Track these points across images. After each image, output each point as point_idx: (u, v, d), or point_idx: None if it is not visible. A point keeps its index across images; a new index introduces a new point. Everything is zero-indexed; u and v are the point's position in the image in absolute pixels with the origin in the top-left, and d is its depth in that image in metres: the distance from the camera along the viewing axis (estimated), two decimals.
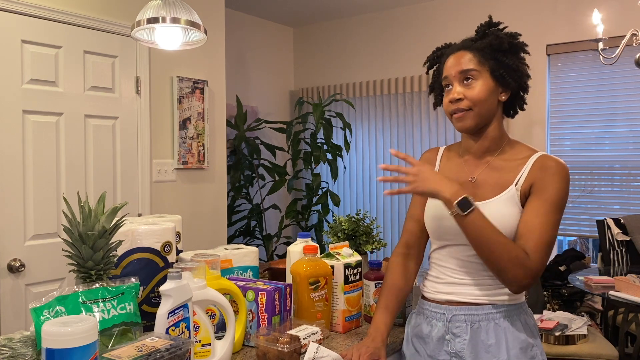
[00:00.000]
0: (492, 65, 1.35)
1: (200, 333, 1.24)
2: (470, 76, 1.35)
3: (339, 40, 5.09)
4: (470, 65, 1.35)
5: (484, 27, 1.40)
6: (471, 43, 1.38)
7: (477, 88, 1.34)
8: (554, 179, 1.31)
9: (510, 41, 1.36)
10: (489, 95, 1.35)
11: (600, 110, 3.87)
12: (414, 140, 4.62)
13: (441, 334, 1.39)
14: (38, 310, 1.17)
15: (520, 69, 1.37)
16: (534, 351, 1.35)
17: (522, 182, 1.33)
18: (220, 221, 3.46)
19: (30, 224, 2.51)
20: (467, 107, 1.35)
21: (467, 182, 1.40)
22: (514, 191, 1.33)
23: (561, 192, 1.31)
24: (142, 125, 2.97)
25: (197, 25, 1.74)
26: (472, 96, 1.34)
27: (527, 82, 1.39)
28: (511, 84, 1.36)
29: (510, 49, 1.36)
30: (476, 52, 1.36)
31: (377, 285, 1.62)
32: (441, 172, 1.46)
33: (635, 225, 3.54)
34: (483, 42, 1.36)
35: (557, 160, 1.33)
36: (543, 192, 1.30)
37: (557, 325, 2.84)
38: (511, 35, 1.37)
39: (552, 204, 1.30)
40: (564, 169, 1.32)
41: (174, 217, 1.73)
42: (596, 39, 2.89)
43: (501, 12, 4.19)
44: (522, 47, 1.38)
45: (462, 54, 1.37)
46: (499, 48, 1.35)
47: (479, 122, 1.37)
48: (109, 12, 2.82)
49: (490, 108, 1.36)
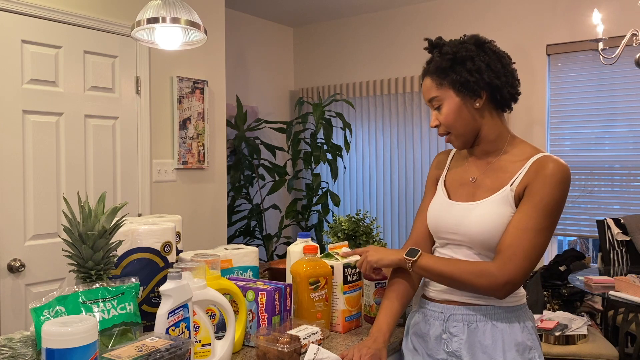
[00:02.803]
0: (450, 82, 1.35)
1: (200, 333, 1.24)
2: (436, 102, 1.38)
3: (339, 40, 5.09)
4: (432, 92, 1.38)
5: (429, 50, 1.41)
6: (427, 67, 1.41)
7: (444, 112, 1.37)
8: (547, 182, 1.28)
9: (450, 57, 1.33)
10: (459, 113, 1.35)
11: (600, 110, 3.87)
12: (414, 140, 4.62)
13: (439, 333, 1.39)
14: (38, 310, 1.17)
15: (480, 69, 1.32)
16: (532, 354, 1.34)
17: (517, 183, 1.32)
18: (220, 221, 3.46)
19: (30, 224, 2.51)
20: (445, 132, 1.40)
21: (467, 182, 1.41)
22: (508, 191, 1.33)
23: (553, 197, 1.28)
24: (142, 125, 2.97)
25: (197, 25, 1.74)
26: (444, 121, 1.38)
27: (498, 76, 1.33)
28: (477, 89, 1.33)
29: (455, 61, 1.33)
30: (433, 76, 1.38)
31: (377, 285, 1.62)
32: (449, 172, 1.50)
33: (635, 225, 3.54)
34: (431, 67, 1.39)
35: (557, 162, 1.30)
36: (534, 195, 1.29)
37: (557, 325, 2.84)
38: (454, 45, 1.35)
39: (541, 209, 1.28)
40: (561, 172, 1.29)
41: (174, 217, 1.73)
42: (596, 39, 2.89)
43: (501, 12, 4.19)
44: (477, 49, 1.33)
45: (425, 82, 1.41)
46: (452, 58, 1.34)
47: (465, 140, 1.39)
48: (109, 12, 2.82)
49: (469, 121, 1.36)
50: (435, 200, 1.46)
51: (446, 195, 1.44)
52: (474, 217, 1.34)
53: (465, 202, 1.38)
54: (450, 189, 1.45)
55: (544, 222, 1.28)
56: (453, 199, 1.42)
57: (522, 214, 1.29)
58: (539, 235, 1.27)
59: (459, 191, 1.43)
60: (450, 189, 1.46)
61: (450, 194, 1.44)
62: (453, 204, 1.40)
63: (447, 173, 1.50)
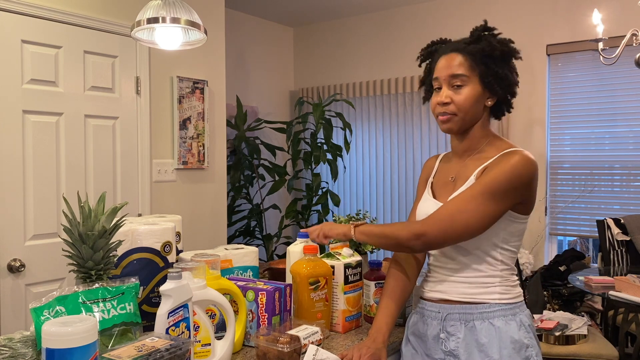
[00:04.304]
0: (481, 71, 1.35)
1: (200, 333, 1.24)
2: (460, 81, 1.36)
3: (339, 40, 5.09)
4: (461, 70, 1.35)
5: (478, 31, 1.39)
6: (464, 45, 1.38)
7: (464, 94, 1.35)
8: (502, 167, 1.30)
9: (502, 49, 1.35)
10: (476, 101, 1.37)
11: (600, 110, 3.87)
12: (414, 140, 4.62)
13: (436, 332, 1.40)
14: (38, 310, 1.17)
15: (509, 77, 1.37)
16: (529, 352, 1.35)
17: (479, 170, 1.36)
18: (220, 221, 3.46)
19: (30, 224, 2.51)
20: (452, 111, 1.37)
21: (448, 182, 1.45)
22: (472, 181, 1.36)
23: (499, 179, 1.29)
24: (142, 125, 2.97)
25: (197, 25, 1.74)
26: (459, 101, 1.36)
27: (515, 89, 1.40)
28: (499, 91, 1.37)
29: (501, 57, 1.36)
30: (468, 56, 1.36)
31: (377, 285, 1.62)
32: (436, 174, 1.53)
33: (635, 225, 3.54)
34: (476, 47, 1.36)
35: (521, 155, 1.31)
36: (484, 176, 1.32)
37: (557, 325, 2.84)
38: (504, 42, 1.37)
39: (483, 185, 1.29)
40: (519, 162, 1.30)
41: (174, 217, 1.73)
42: (596, 39, 2.88)
43: (501, 11, 4.19)
44: (514, 54, 1.38)
45: (454, 57, 1.37)
46: (490, 55, 1.35)
47: (462, 126, 1.39)
48: (109, 12, 2.82)
49: (476, 113, 1.38)
50: (422, 202, 1.50)
51: (431, 196, 1.48)
52: None
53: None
54: (435, 190, 1.49)
55: (480, 198, 1.29)
56: (438, 198, 1.45)
57: (465, 188, 1.34)
58: (470, 206, 1.29)
59: (442, 191, 1.46)
60: (435, 189, 1.49)
61: (435, 194, 1.48)
62: (437, 204, 1.42)
63: (434, 175, 1.53)
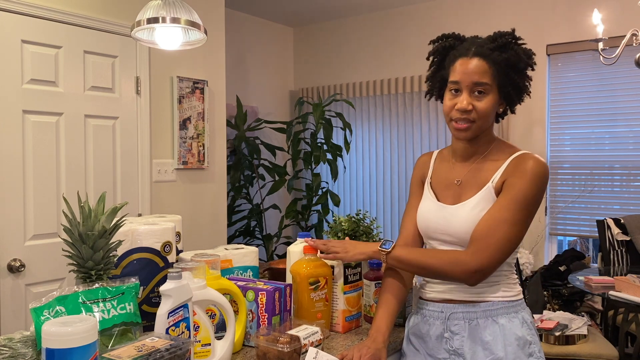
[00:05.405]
0: (502, 81, 1.34)
1: (200, 333, 1.24)
2: (483, 89, 1.33)
3: (339, 40, 5.09)
4: (485, 78, 1.33)
5: (506, 38, 1.34)
6: (489, 52, 1.33)
7: (486, 102, 1.34)
8: (524, 176, 1.32)
9: (527, 62, 1.36)
10: (493, 109, 1.37)
11: (600, 110, 3.87)
12: (414, 140, 4.62)
13: (440, 332, 1.41)
14: (38, 310, 1.17)
15: (526, 88, 1.39)
16: (532, 348, 1.36)
17: (497, 179, 1.36)
18: (220, 221, 3.46)
19: (30, 224, 2.51)
20: (473, 119, 1.35)
21: (453, 185, 1.44)
22: (490, 188, 1.36)
23: (530, 191, 1.31)
24: (142, 125, 2.97)
25: (197, 25, 1.74)
26: (481, 109, 1.34)
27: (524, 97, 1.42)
28: (514, 101, 1.39)
29: (524, 68, 1.37)
30: (492, 65, 1.33)
31: (377, 285, 1.62)
32: (433, 174, 1.51)
33: (635, 225, 3.54)
34: (501, 55, 1.33)
35: (536, 159, 1.34)
36: (511, 188, 1.32)
37: (557, 325, 2.84)
38: (529, 54, 1.37)
39: (517, 202, 1.31)
40: (537, 168, 1.32)
41: (174, 217, 1.73)
42: (596, 39, 2.88)
43: (501, 11, 4.19)
44: (532, 65, 1.39)
45: (479, 64, 1.32)
46: (514, 65, 1.34)
47: (478, 133, 1.39)
48: (109, 12, 2.82)
49: (490, 119, 1.40)
50: (424, 203, 1.48)
51: (434, 198, 1.47)
52: (461, 218, 1.36)
53: (453, 204, 1.41)
54: (437, 191, 1.48)
55: (519, 215, 1.31)
56: (441, 200, 1.45)
57: (498, 206, 1.32)
58: (513, 227, 1.31)
59: (445, 193, 1.45)
60: (437, 191, 1.48)
61: (438, 196, 1.47)
62: (442, 207, 1.42)
63: (431, 175, 1.52)
